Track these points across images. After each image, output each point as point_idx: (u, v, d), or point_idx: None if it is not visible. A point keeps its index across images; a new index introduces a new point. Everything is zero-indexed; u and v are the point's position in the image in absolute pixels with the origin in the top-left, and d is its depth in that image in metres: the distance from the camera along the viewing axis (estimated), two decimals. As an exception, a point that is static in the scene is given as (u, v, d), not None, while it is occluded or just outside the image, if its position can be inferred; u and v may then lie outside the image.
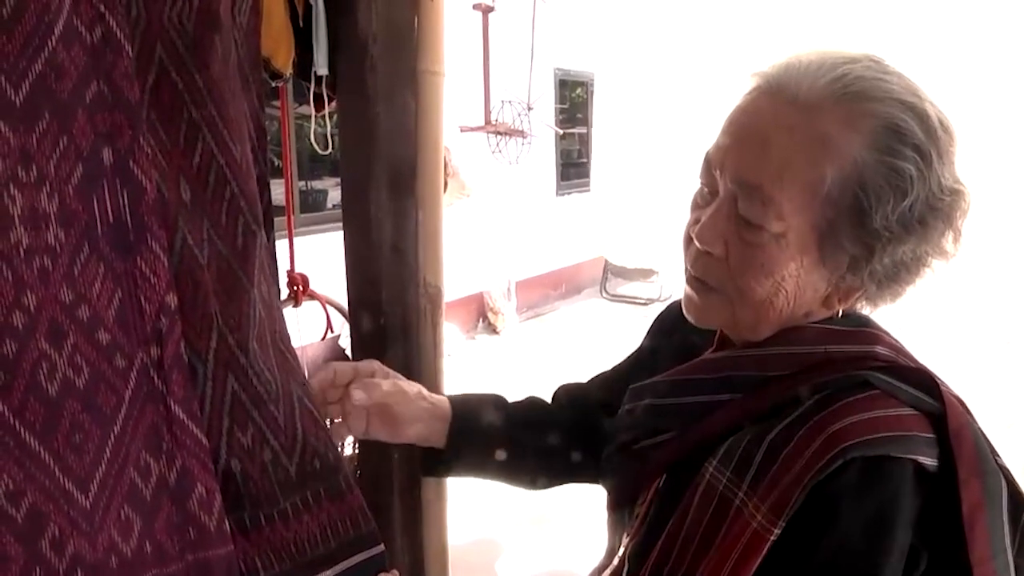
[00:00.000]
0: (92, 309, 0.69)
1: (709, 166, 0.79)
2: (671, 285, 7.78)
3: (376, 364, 1.02)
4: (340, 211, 1.17)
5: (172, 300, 0.73)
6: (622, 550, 0.86)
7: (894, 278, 0.77)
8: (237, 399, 0.79)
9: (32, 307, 0.65)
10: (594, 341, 6.70)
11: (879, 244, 0.73)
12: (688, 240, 0.81)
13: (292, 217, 1.51)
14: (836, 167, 0.71)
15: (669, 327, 0.99)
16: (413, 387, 1.02)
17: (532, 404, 1.10)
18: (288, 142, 1.39)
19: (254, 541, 0.80)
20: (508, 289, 7.42)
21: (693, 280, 0.81)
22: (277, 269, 0.98)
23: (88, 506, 0.68)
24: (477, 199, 5.33)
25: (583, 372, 1.16)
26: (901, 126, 0.71)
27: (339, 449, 0.94)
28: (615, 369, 1.10)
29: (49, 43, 0.66)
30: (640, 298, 8.28)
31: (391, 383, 0.99)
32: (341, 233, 1.15)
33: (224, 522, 0.76)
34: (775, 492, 0.70)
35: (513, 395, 1.10)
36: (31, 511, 0.65)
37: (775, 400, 0.76)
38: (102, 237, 0.69)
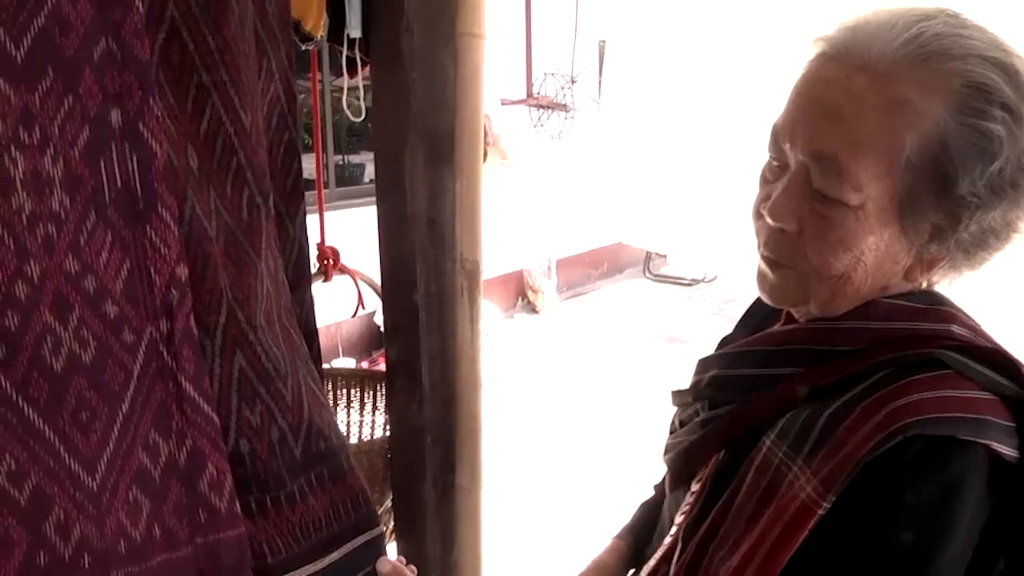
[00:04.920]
0: (99, 280, 0.66)
1: (777, 139, 0.75)
2: (719, 265, 7.65)
3: None
4: (371, 186, 1.13)
5: (182, 272, 0.71)
6: (674, 529, 0.83)
7: (982, 245, 0.72)
8: (245, 376, 0.78)
9: (36, 277, 0.62)
10: (636, 322, 6.62)
11: (966, 212, 0.68)
12: (758, 217, 0.78)
13: (323, 190, 1.46)
14: (916, 133, 0.67)
15: (756, 307, 0.95)
16: None
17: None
18: (320, 112, 1.35)
19: (261, 525, 0.79)
20: (548, 267, 7.33)
21: (766, 259, 0.78)
22: (301, 244, 0.96)
23: (95, 488, 0.66)
24: (517, 172, 5.25)
25: (624, 354, 1.09)
26: (987, 84, 0.66)
27: (339, 429, 0.93)
28: None
29: (51, -5, 0.63)
30: (684, 278, 8.13)
31: None
32: (374, 208, 1.11)
33: (235, 504, 0.75)
34: (828, 466, 0.66)
35: (550, 377, 1.04)
36: (35, 493, 0.63)
37: (839, 375, 0.73)
38: (110, 204, 0.67)
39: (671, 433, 0.91)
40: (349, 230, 2.06)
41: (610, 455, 3.85)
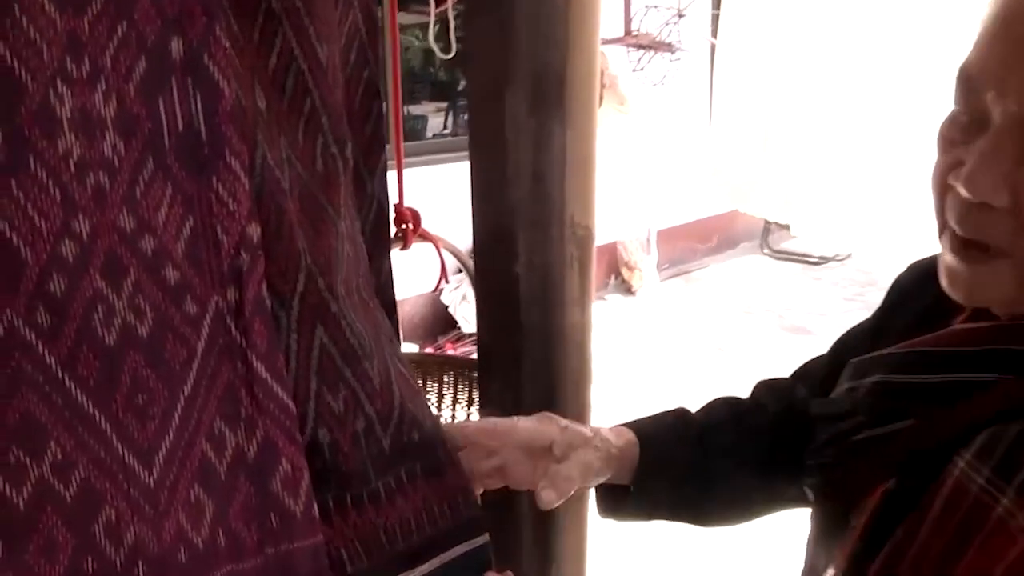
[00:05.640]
0: (158, 240, 0.65)
1: (971, 86, 0.66)
2: (856, 240, 7.39)
3: (551, 426, 0.96)
4: (441, 141, 1.11)
5: (254, 231, 0.69)
6: (831, 571, 0.78)
7: None
8: (327, 354, 0.77)
9: (85, 235, 0.61)
10: (752, 308, 6.47)
11: None
12: (944, 190, 0.69)
13: (401, 142, 1.43)
14: None
15: (905, 296, 0.90)
16: (593, 441, 0.96)
17: (728, 411, 1.02)
18: (393, 51, 1.32)
19: (339, 528, 0.78)
20: (647, 240, 7.19)
21: (960, 243, 0.69)
22: (380, 202, 0.95)
23: (152, 484, 0.65)
24: (636, 120, 5.14)
25: (737, 346, 1.05)
26: None
27: (436, 418, 0.92)
28: (832, 351, 0.99)
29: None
30: (812, 256, 7.91)
31: (578, 465, 0.93)
32: (442, 167, 1.09)
33: (312, 507, 0.74)
34: None
35: (648, 371, 1.01)
36: (83, 488, 0.62)
37: None
38: (170, 150, 0.65)
39: (813, 452, 0.85)
40: (412, 192, 2.06)
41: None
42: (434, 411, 1.53)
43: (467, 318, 5.18)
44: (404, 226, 1.30)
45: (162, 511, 0.65)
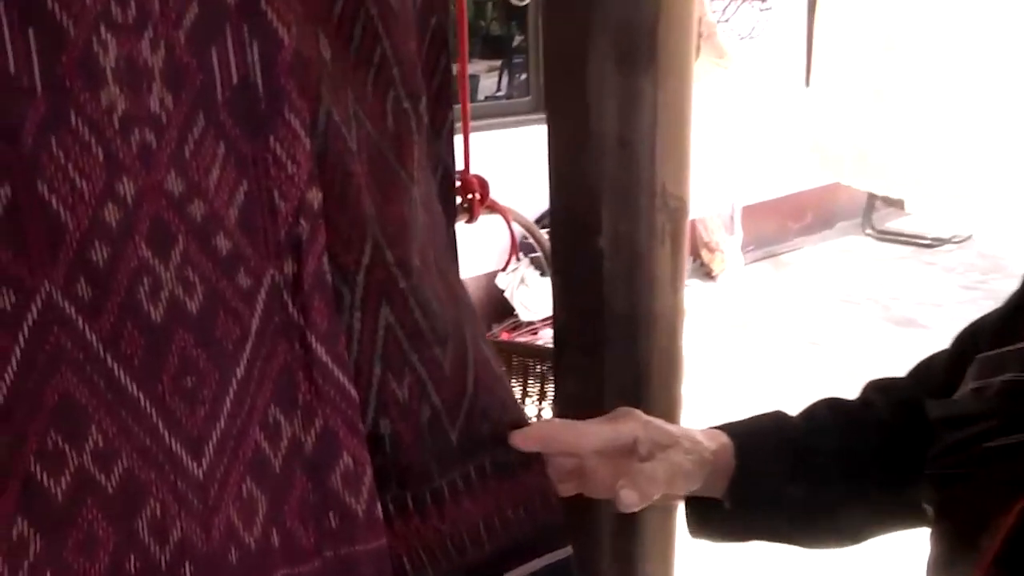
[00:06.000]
0: (209, 205, 0.65)
1: None
2: (976, 219, 7.21)
3: (633, 423, 0.94)
4: (495, 104, 1.10)
5: (315, 197, 0.69)
6: None
7: None
8: (392, 337, 0.77)
9: (130, 198, 0.62)
10: (852, 296, 6.35)
11: None
12: None
13: (468, 101, 1.42)
14: None
15: None
16: (682, 442, 0.94)
17: (833, 416, 1.00)
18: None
19: (400, 533, 0.78)
20: (731, 217, 7.10)
21: None
22: (447, 166, 0.95)
23: (201, 476, 0.66)
24: (737, 75, 5.06)
25: (835, 340, 1.02)
26: None
27: (521, 410, 0.91)
28: (955, 346, 0.96)
29: None
30: (924, 237, 7.73)
31: (665, 465, 0.91)
32: (496, 133, 1.08)
33: (376, 506, 0.74)
34: None
35: (732, 366, 0.99)
36: (126, 479, 0.62)
37: None
38: (223, 105, 0.66)
39: (933, 462, 0.83)
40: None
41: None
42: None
43: (525, 305, 5.15)
44: (470, 196, 1.29)
45: (211, 506, 0.65)
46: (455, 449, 0.82)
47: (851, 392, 1.02)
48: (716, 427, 0.97)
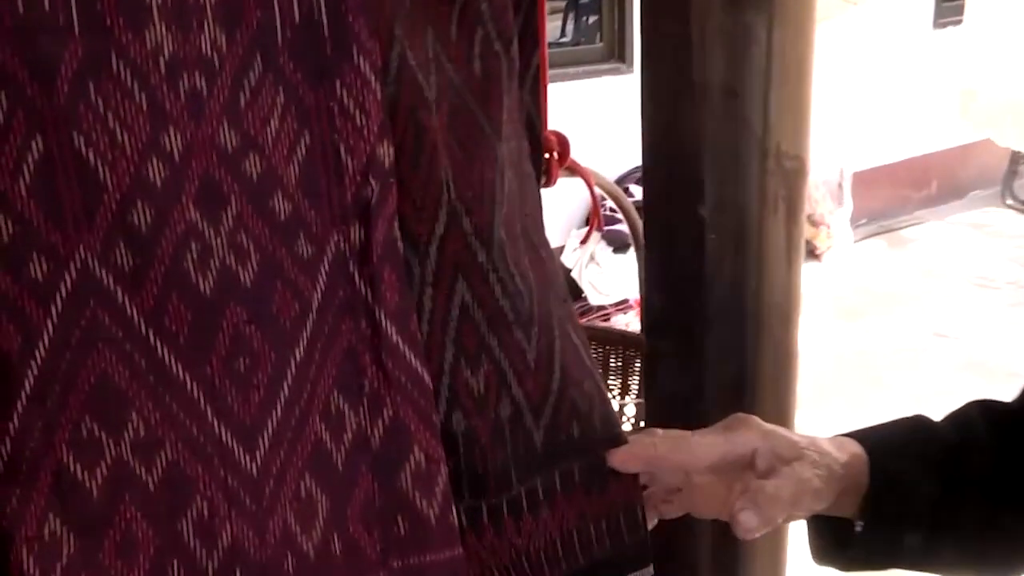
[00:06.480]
0: (266, 161, 0.66)
1: None
2: None
3: (748, 432, 0.93)
4: (559, 51, 1.10)
5: (386, 153, 0.69)
6: None
7: None
8: (468, 318, 0.77)
9: (177, 154, 0.62)
10: (988, 278, 6.24)
11: None
12: None
13: (545, 46, 1.41)
14: None
15: None
16: (808, 453, 0.92)
17: (987, 422, 0.97)
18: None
19: (472, 549, 0.78)
20: (839, 185, 6.98)
21: None
22: (531, 117, 0.94)
23: (255, 472, 0.66)
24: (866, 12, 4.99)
25: (966, 330, 1.00)
26: None
27: (613, 410, 0.90)
28: None
29: None
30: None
31: (790, 481, 0.89)
32: (558, 85, 1.06)
33: (450, 510, 0.74)
34: None
35: (840, 361, 0.97)
36: (170, 473, 0.63)
37: None
38: (283, 48, 0.66)
39: None
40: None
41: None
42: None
43: (596, 286, 5.13)
44: (548, 155, 1.28)
45: (266, 507, 0.66)
46: (539, 452, 0.82)
47: (992, 394, 1.00)
48: (844, 435, 0.95)
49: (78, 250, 0.60)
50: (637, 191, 5.54)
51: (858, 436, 0.94)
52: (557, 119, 1.02)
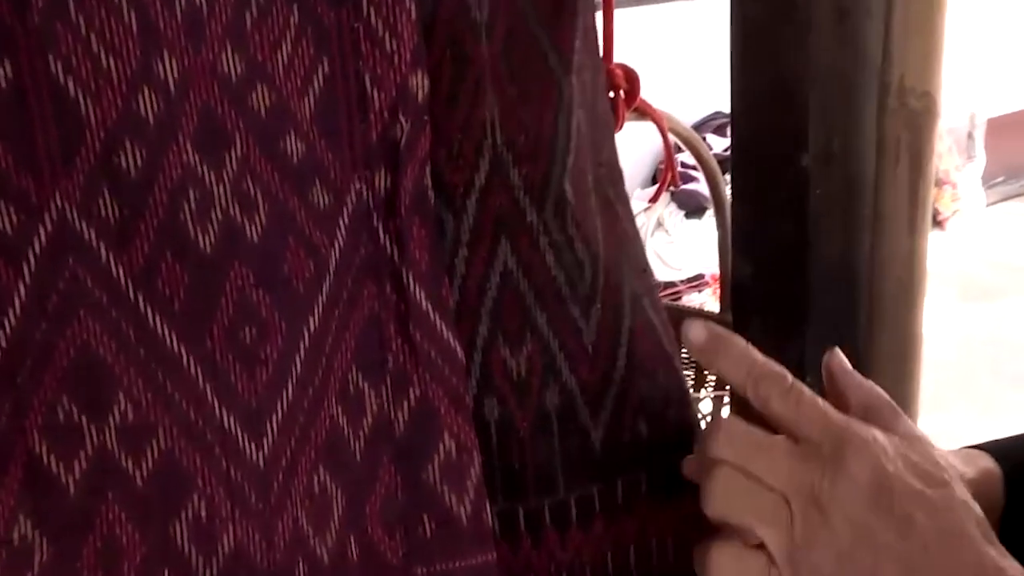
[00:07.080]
0: (276, 94, 0.66)
1: None
2: None
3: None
4: None
5: (419, 85, 0.69)
6: None
7: None
8: (510, 287, 0.76)
9: (172, 84, 0.62)
10: None
11: None
12: None
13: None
14: None
15: None
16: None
17: None
18: None
19: (504, 560, 0.78)
20: (968, 135, 6.89)
21: None
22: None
23: (262, 464, 0.67)
24: None
25: None
26: None
27: (693, 408, 0.91)
28: None
29: None
30: None
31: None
32: (620, 12, 1.05)
33: (484, 508, 0.75)
34: None
35: (968, 350, 0.97)
36: (161, 465, 0.64)
37: None
38: None
39: None
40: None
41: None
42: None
43: (663, 258, 5.07)
44: (613, 93, 1.26)
45: (275, 505, 0.67)
46: (596, 453, 0.81)
47: None
48: (972, 447, 0.95)
49: (54, 198, 0.60)
50: (716, 142, 5.49)
51: (990, 448, 0.93)
52: (621, 51, 1.02)
